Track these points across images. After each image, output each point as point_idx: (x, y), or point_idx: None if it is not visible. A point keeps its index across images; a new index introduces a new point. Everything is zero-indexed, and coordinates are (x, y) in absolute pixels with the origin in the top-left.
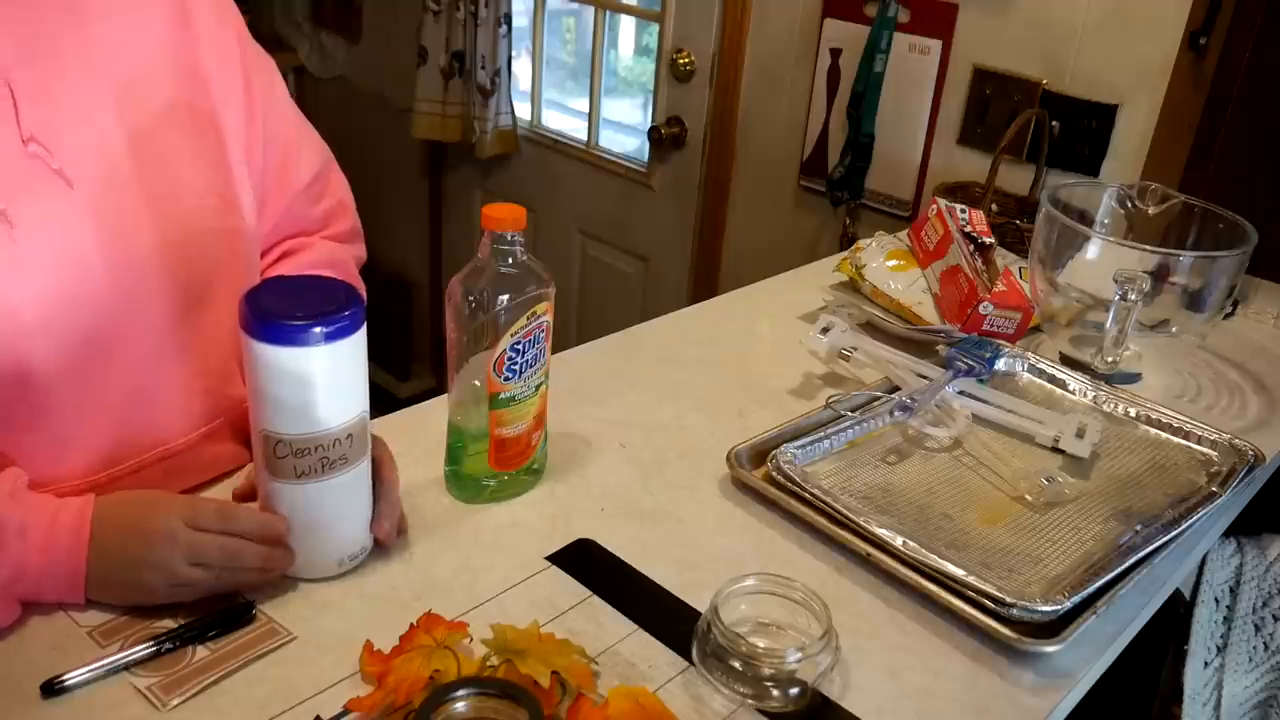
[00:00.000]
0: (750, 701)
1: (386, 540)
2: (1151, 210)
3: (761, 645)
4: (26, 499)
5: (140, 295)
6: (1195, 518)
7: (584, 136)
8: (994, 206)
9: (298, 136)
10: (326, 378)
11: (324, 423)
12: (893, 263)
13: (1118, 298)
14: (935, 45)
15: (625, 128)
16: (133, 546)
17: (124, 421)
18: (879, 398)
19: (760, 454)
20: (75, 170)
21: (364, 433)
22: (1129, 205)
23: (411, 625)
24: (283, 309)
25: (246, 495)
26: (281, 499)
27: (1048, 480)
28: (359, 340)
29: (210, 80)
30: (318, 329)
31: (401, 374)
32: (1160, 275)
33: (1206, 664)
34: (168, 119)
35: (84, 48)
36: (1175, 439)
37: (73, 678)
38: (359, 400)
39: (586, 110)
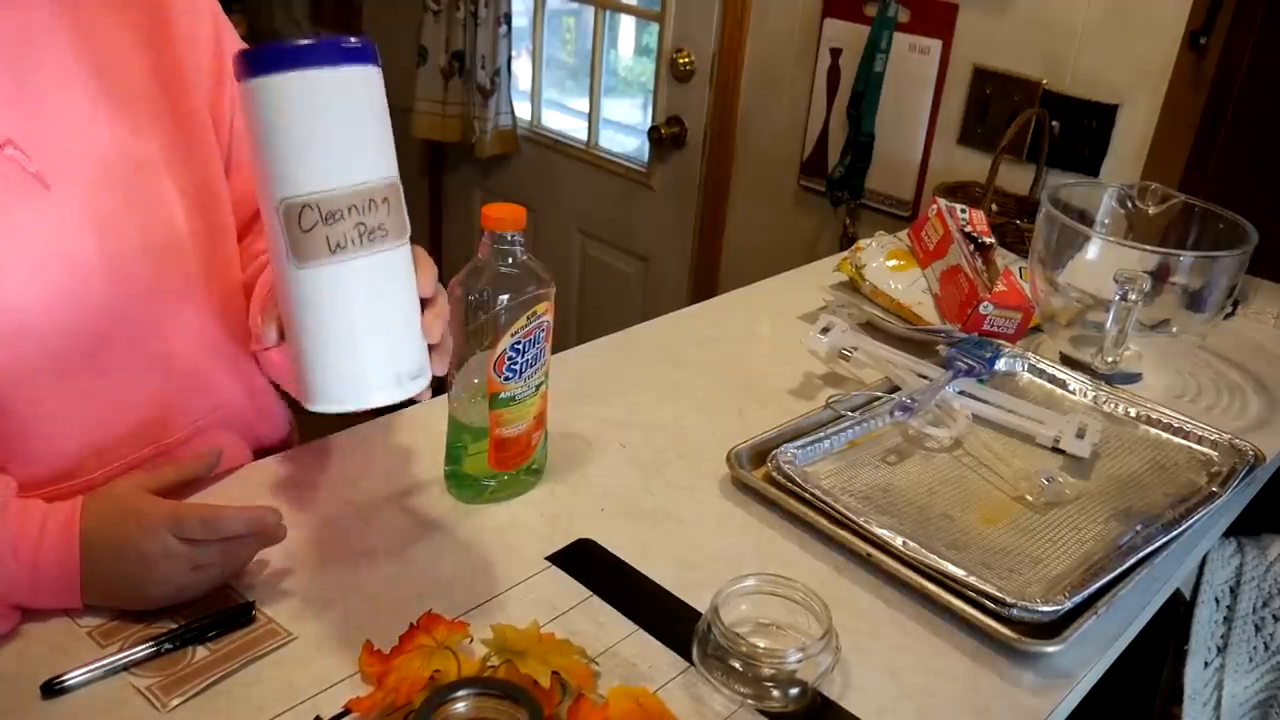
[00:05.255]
0: (750, 702)
1: (433, 336)
2: (1151, 210)
3: (762, 645)
4: (13, 513)
5: (126, 295)
6: (1195, 518)
7: (584, 136)
8: (994, 206)
9: None
10: (348, 111)
11: (355, 173)
12: (893, 263)
13: (1118, 298)
14: (935, 45)
15: (625, 128)
16: (129, 566)
17: (115, 420)
18: (879, 398)
19: (760, 454)
20: (54, 173)
21: (400, 205)
22: (1129, 205)
23: (411, 625)
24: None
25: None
26: (317, 293)
27: (1048, 480)
28: (377, 78)
29: (187, 75)
30: (329, 47)
31: None
32: (1160, 275)
33: (1207, 664)
34: (147, 118)
35: (64, 49)
36: (1175, 439)
37: (73, 678)
38: (389, 158)
39: (586, 110)
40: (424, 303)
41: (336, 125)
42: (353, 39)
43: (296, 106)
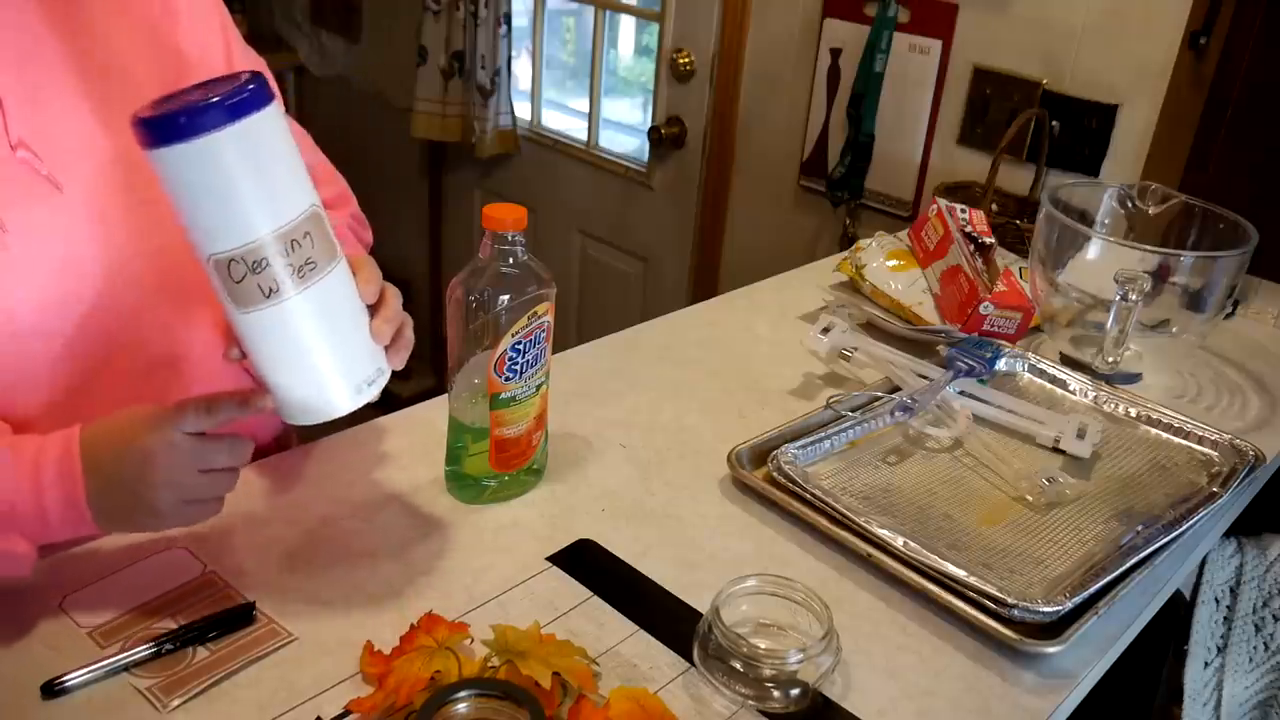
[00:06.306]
0: (751, 703)
1: (383, 340)
2: (1152, 210)
3: (763, 646)
4: (7, 441)
5: (135, 298)
6: (1196, 518)
7: (584, 136)
8: (994, 206)
9: None
10: (250, 164)
11: (269, 222)
12: (893, 263)
13: (1118, 298)
14: (935, 45)
15: (625, 128)
16: (132, 467)
17: None
18: (879, 398)
19: (761, 454)
20: (65, 175)
21: (324, 230)
22: (1129, 205)
23: (412, 626)
24: (172, 105)
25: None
26: (261, 333)
27: (1048, 481)
28: (274, 117)
29: (195, 79)
30: (217, 108)
31: (401, 373)
32: (1161, 275)
33: (1206, 664)
34: None
35: (72, 51)
36: (1176, 439)
37: (73, 678)
38: (302, 191)
39: (586, 110)
40: (373, 308)
41: (239, 181)
42: (239, 86)
43: (196, 173)
